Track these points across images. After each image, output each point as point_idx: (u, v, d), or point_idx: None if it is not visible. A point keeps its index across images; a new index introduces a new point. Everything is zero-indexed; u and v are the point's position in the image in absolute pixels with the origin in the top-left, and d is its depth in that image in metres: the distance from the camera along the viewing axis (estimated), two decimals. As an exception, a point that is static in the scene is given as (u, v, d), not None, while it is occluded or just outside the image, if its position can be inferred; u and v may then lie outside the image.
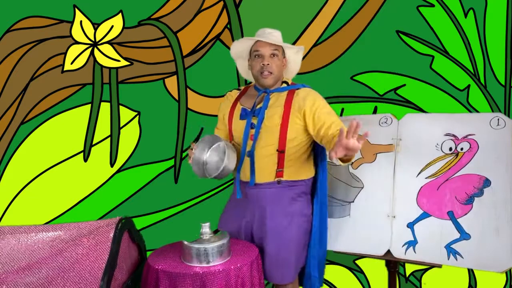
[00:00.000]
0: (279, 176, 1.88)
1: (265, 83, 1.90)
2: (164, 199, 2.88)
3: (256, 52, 1.88)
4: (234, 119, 1.96)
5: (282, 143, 1.86)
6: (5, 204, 2.95)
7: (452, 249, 1.78)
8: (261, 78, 1.89)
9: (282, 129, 1.85)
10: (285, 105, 1.87)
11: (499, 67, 2.60)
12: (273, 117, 1.86)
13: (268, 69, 1.87)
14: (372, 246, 1.92)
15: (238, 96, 2.02)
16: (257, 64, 1.88)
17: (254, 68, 1.91)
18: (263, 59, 1.87)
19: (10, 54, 2.91)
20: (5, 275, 1.54)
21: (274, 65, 1.88)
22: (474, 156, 1.86)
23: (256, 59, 1.89)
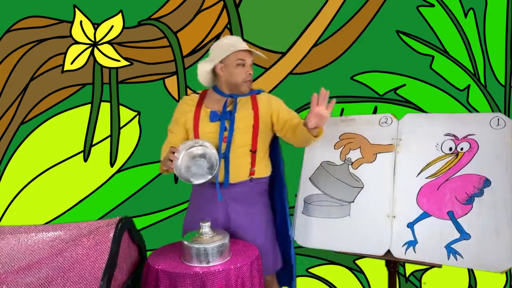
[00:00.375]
0: (252, 174, 2.03)
1: (246, 91, 2.02)
2: (164, 199, 2.88)
3: (241, 61, 1.98)
4: (201, 122, 2.00)
5: (254, 143, 2.01)
6: (5, 204, 2.95)
7: (452, 249, 1.78)
8: (244, 86, 2.01)
9: (254, 130, 2.00)
10: (253, 108, 2.02)
11: (499, 67, 2.61)
12: (245, 119, 2.00)
13: (250, 78, 2.02)
14: (372, 246, 1.92)
15: (199, 101, 2.06)
16: (243, 72, 1.99)
17: (239, 75, 1.99)
18: (247, 69, 2.00)
19: (10, 54, 2.91)
20: (5, 275, 1.54)
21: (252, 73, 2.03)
22: (474, 156, 1.86)
23: (241, 68, 1.99)
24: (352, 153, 2.11)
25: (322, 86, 2.75)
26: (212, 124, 1.99)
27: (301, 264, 2.81)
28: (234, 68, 1.98)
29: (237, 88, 2.01)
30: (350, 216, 2.02)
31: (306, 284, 2.85)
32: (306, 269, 2.84)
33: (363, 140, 2.11)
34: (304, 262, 2.82)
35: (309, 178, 2.17)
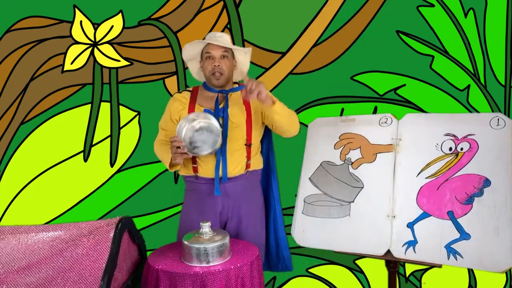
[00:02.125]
0: (248, 167, 2.07)
1: (217, 83, 2.03)
2: (164, 199, 2.88)
3: (207, 54, 2.02)
4: None
5: (249, 137, 2.06)
6: (5, 204, 2.95)
7: (452, 249, 1.78)
8: (213, 79, 2.02)
9: (248, 124, 2.05)
10: (245, 102, 2.06)
11: (499, 67, 2.61)
12: (238, 114, 2.03)
13: (219, 70, 2.01)
14: (372, 246, 1.92)
15: (192, 98, 2.08)
16: (209, 65, 2.02)
17: (206, 69, 2.03)
18: (214, 61, 2.01)
19: (10, 54, 2.91)
20: (5, 275, 1.54)
21: (224, 66, 2.02)
22: (474, 156, 1.86)
23: (208, 61, 2.02)
24: (352, 153, 2.11)
25: (322, 86, 2.77)
26: None
27: (301, 264, 2.81)
28: (204, 61, 2.04)
29: (209, 82, 2.05)
30: (350, 216, 2.02)
31: (306, 284, 2.85)
32: (306, 269, 2.84)
33: (363, 140, 2.11)
34: (304, 262, 2.82)
35: (309, 178, 2.17)
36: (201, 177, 2.06)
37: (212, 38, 2.02)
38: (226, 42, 2.03)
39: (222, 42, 2.01)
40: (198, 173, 2.06)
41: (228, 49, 2.03)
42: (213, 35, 2.05)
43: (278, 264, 2.26)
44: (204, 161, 2.04)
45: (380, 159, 2.03)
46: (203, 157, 2.01)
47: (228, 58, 2.03)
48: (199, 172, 2.06)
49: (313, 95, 2.77)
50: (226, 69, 2.02)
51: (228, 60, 2.03)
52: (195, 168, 2.06)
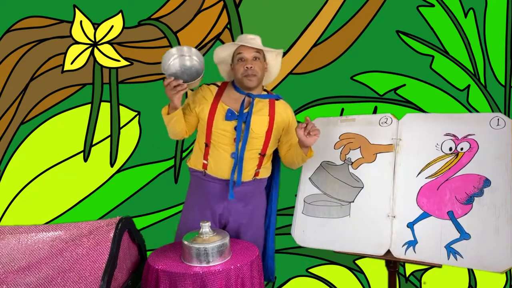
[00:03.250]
0: (256, 175, 2.08)
1: (250, 85, 1.99)
2: (164, 199, 2.88)
3: (239, 55, 1.99)
4: (216, 118, 2.00)
5: (265, 148, 2.06)
6: (5, 204, 2.95)
7: (452, 249, 1.78)
8: (246, 80, 1.98)
9: (267, 136, 2.04)
10: (270, 114, 2.05)
11: (499, 67, 2.61)
12: (260, 124, 2.02)
13: (252, 71, 1.97)
14: (372, 246, 1.92)
15: (217, 94, 2.05)
16: (241, 67, 1.98)
17: (238, 71, 1.99)
18: (246, 62, 1.97)
19: (10, 54, 2.91)
20: (5, 275, 1.54)
21: (257, 67, 1.99)
22: (474, 156, 1.86)
23: (240, 63, 1.99)
24: (352, 153, 2.11)
25: (322, 86, 2.77)
26: (227, 122, 1.99)
27: (301, 264, 2.81)
28: (236, 63, 2.01)
29: (241, 84, 2.01)
30: (350, 216, 2.02)
31: (306, 284, 2.85)
32: (306, 269, 2.84)
33: (363, 140, 2.11)
34: (304, 262, 2.82)
35: (309, 178, 2.17)
36: (209, 175, 2.04)
37: (244, 40, 2.00)
38: (258, 44, 2.00)
39: (255, 44, 1.98)
40: (207, 170, 2.04)
41: (260, 51, 2.00)
42: (244, 37, 2.03)
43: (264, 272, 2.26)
44: (215, 160, 2.02)
45: (380, 159, 2.03)
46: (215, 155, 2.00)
47: (260, 60, 2.00)
48: (208, 170, 2.04)
49: (313, 95, 2.77)
50: (259, 71, 1.99)
51: (260, 62, 2.00)
52: (205, 164, 2.04)
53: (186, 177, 2.85)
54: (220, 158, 2.01)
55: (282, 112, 2.08)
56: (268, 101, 2.06)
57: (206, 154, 2.03)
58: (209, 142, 2.02)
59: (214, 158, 2.02)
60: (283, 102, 2.12)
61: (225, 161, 2.00)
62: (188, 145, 2.87)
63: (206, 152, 2.02)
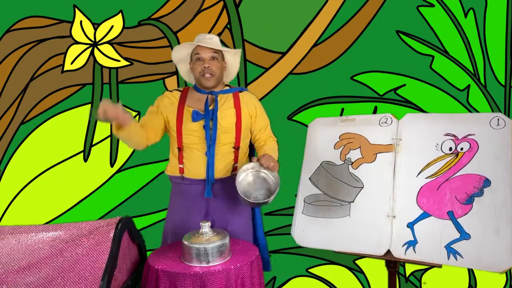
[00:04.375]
0: (234, 170, 2.08)
1: (207, 84, 2.02)
2: (164, 199, 2.87)
3: (197, 55, 2.01)
4: (184, 121, 2.03)
5: (238, 140, 2.07)
6: (5, 204, 2.95)
7: (452, 249, 1.78)
8: (203, 80, 2.02)
9: (237, 128, 2.06)
10: (235, 106, 2.07)
11: (499, 67, 2.61)
12: (228, 117, 2.04)
13: (209, 71, 2.00)
14: (372, 246, 1.92)
15: (181, 99, 2.08)
16: (199, 66, 2.01)
17: (196, 70, 2.02)
18: (203, 62, 2.00)
19: (10, 54, 2.91)
20: (5, 275, 1.54)
21: (215, 67, 2.01)
22: (474, 156, 1.86)
23: (198, 62, 2.02)
24: (352, 153, 2.11)
25: (322, 86, 2.77)
26: (195, 123, 2.02)
27: (301, 264, 2.81)
28: (194, 63, 2.04)
29: (200, 84, 2.04)
30: (350, 216, 2.02)
31: (306, 284, 2.85)
32: (306, 269, 2.84)
33: (363, 140, 2.11)
34: (304, 262, 2.82)
35: (309, 178, 2.17)
36: (187, 178, 2.06)
37: (202, 40, 2.03)
38: (215, 44, 2.03)
39: (212, 44, 2.01)
40: (184, 174, 2.06)
41: (217, 51, 2.03)
42: (202, 37, 2.05)
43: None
44: (191, 162, 2.04)
45: (380, 159, 2.03)
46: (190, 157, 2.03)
47: (218, 60, 2.02)
48: (185, 173, 2.06)
49: (313, 95, 2.77)
50: (216, 70, 2.02)
51: (218, 62, 2.02)
52: (181, 168, 2.06)
53: (186, 177, 2.86)
54: (195, 159, 2.03)
55: (248, 102, 2.10)
56: (232, 95, 2.09)
57: (180, 158, 2.05)
58: (181, 145, 2.05)
59: (189, 160, 2.05)
60: (248, 93, 2.15)
61: (200, 161, 2.03)
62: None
63: (181, 156, 2.05)
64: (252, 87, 2.77)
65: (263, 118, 2.16)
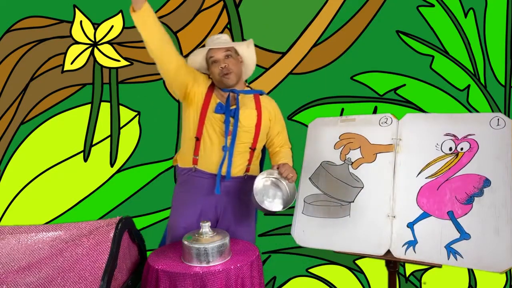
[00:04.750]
0: (247, 171, 2.10)
1: (229, 83, 2.01)
2: (164, 199, 2.88)
3: (211, 58, 2.02)
4: (209, 109, 2.02)
5: (255, 141, 2.09)
6: (5, 204, 2.95)
7: (452, 249, 1.78)
8: (224, 79, 2.00)
9: (256, 129, 2.08)
10: (257, 108, 2.09)
11: (499, 67, 2.61)
12: (249, 117, 2.06)
13: (227, 70, 1.99)
14: (372, 246, 1.92)
15: (210, 86, 2.06)
16: (216, 68, 2.01)
17: (215, 73, 2.02)
18: (219, 63, 2.00)
19: (10, 54, 2.91)
20: (5, 275, 1.54)
21: (231, 64, 2.00)
22: (474, 156, 1.86)
23: (214, 65, 2.02)
24: (352, 153, 2.11)
25: (322, 86, 2.77)
26: (216, 115, 2.02)
27: (301, 264, 2.81)
28: (211, 66, 2.03)
29: (220, 83, 2.03)
30: (350, 216, 2.02)
31: (306, 284, 2.85)
32: (306, 269, 2.84)
33: (363, 140, 2.11)
34: (304, 262, 2.82)
35: (309, 178, 2.17)
36: (199, 170, 2.04)
37: (211, 43, 2.03)
38: (225, 42, 2.02)
39: (221, 43, 2.01)
40: (197, 166, 2.05)
41: (230, 48, 2.02)
42: (211, 40, 2.06)
43: None
44: (207, 154, 2.02)
45: (380, 159, 2.03)
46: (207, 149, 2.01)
47: (232, 56, 2.02)
48: (198, 165, 2.04)
49: (313, 95, 2.77)
50: (233, 67, 2.00)
51: (233, 58, 2.02)
52: (195, 160, 2.04)
53: (186, 177, 2.85)
54: (211, 152, 2.02)
55: (267, 106, 2.13)
56: (252, 97, 2.10)
57: (197, 148, 2.03)
58: (200, 135, 2.02)
59: (205, 151, 2.03)
60: (267, 97, 2.17)
61: (216, 155, 2.02)
62: (188, 145, 2.87)
63: (197, 147, 2.02)
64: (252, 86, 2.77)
65: (280, 123, 2.18)
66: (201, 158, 2.03)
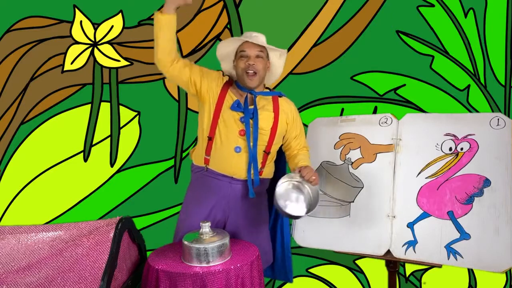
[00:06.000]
0: (260, 174, 2.04)
1: (250, 84, 1.96)
2: (164, 199, 2.88)
3: (242, 52, 1.96)
4: (224, 107, 1.98)
5: (269, 144, 2.03)
6: (5, 204, 2.95)
7: (452, 249, 1.78)
8: (246, 78, 1.95)
9: (272, 132, 2.02)
10: (274, 110, 2.03)
11: (499, 67, 2.61)
12: (266, 120, 2.00)
13: (253, 68, 1.94)
14: (372, 246, 1.92)
15: (226, 84, 2.03)
16: (243, 63, 1.95)
17: (239, 67, 1.96)
18: (248, 59, 1.94)
19: (10, 54, 2.91)
20: (5, 275, 1.54)
21: (259, 65, 1.95)
22: (474, 156, 1.86)
23: (242, 59, 1.96)
24: (352, 153, 2.11)
25: (322, 86, 2.77)
26: (233, 113, 1.97)
27: (301, 264, 2.81)
28: (238, 59, 1.98)
29: (241, 80, 1.98)
30: (350, 216, 2.02)
31: (306, 284, 2.85)
32: (306, 269, 2.84)
33: (363, 140, 2.11)
34: (304, 262, 2.82)
35: (309, 178, 2.17)
36: (211, 170, 2.01)
37: (249, 37, 1.96)
38: (262, 42, 1.97)
39: (259, 41, 1.95)
40: (209, 166, 2.02)
41: (263, 49, 1.97)
42: (249, 34, 1.99)
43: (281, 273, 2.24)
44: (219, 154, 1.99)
45: (380, 159, 2.03)
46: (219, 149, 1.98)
47: (263, 58, 1.97)
48: (210, 165, 2.01)
49: (313, 95, 2.77)
50: (260, 69, 1.96)
51: (263, 60, 1.97)
52: (207, 159, 2.01)
53: (186, 177, 2.85)
54: (223, 152, 1.97)
55: (286, 109, 2.07)
56: (271, 98, 2.06)
57: (209, 148, 1.99)
58: (212, 135, 1.98)
59: (217, 152, 1.98)
60: (286, 99, 2.11)
61: (229, 156, 1.97)
62: (187, 145, 2.87)
63: (209, 146, 1.99)
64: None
65: (298, 126, 2.12)
66: (212, 158, 2.00)
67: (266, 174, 2.08)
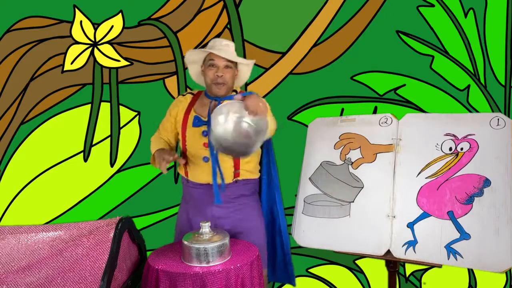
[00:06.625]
0: (237, 176, 2.02)
1: (218, 93, 1.98)
2: (164, 199, 2.88)
3: (211, 61, 1.96)
4: (188, 126, 2.02)
5: None
6: (5, 204, 2.95)
7: (452, 249, 1.78)
8: (214, 88, 1.97)
9: None
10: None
11: (499, 67, 2.61)
12: None
13: (222, 80, 1.95)
14: (372, 246, 1.92)
15: (191, 102, 2.07)
16: (211, 73, 1.96)
17: (208, 76, 1.98)
18: (217, 70, 1.95)
19: (10, 54, 2.91)
20: (5, 275, 1.54)
21: (228, 76, 1.97)
22: (474, 156, 1.86)
23: (211, 69, 1.96)
24: (352, 153, 2.11)
25: (322, 86, 2.77)
26: (195, 129, 2.00)
27: (301, 264, 2.81)
28: (206, 68, 1.98)
29: (210, 90, 2.00)
30: (350, 216, 2.02)
31: (306, 284, 2.85)
32: (306, 269, 2.84)
33: (363, 140, 2.11)
34: (304, 262, 2.82)
35: (309, 178, 2.17)
36: (191, 181, 2.06)
37: (218, 47, 1.96)
38: (231, 54, 1.97)
39: (228, 53, 1.95)
40: (189, 177, 2.06)
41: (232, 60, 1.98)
42: (219, 43, 1.99)
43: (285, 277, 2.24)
44: (193, 166, 2.03)
45: (380, 159, 2.03)
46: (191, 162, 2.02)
47: (231, 68, 1.98)
48: (189, 176, 2.06)
49: (313, 95, 2.77)
50: (229, 80, 1.97)
51: (231, 70, 1.98)
52: (186, 172, 2.06)
53: (186, 177, 2.85)
54: (195, 164, 2.02)
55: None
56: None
57: (186, 161, 2.05)
58: (184, 150, 2.05)
59: (191, 164, 2.04)
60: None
61: (200, 166, 2.01)
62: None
63: (187, 160, 2.05)
64: (252, 87, 2.77)
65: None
66: (189, 170, 2.05)
67: (245, 176, 2.05)
